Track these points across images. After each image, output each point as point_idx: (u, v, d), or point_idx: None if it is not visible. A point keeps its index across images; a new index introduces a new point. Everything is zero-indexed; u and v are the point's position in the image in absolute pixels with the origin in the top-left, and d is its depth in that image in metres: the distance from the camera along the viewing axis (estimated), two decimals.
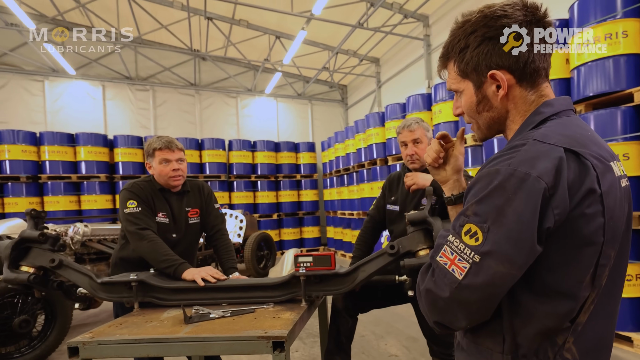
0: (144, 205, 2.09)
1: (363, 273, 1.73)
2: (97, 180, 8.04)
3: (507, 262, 0.70)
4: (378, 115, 7.06)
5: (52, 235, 1.97)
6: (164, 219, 2.17)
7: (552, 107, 0.83)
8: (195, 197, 2.33)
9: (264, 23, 8.57)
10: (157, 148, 2.15)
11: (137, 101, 9.77)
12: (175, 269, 1.91)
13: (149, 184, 2.19)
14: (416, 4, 7.04)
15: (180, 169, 2.18)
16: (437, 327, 0.82)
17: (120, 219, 2.13)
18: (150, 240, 1.97)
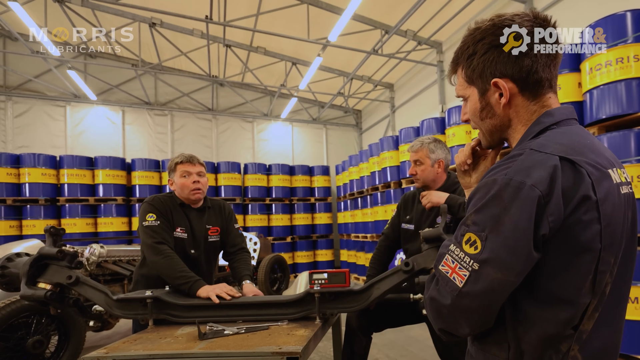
0: (162, 219, 2.09)
1: (377, 290, 1.69)
2: (114, 203, 8.17)
3: (505, 269, 0.72)
4: (392, 139, 7.08)
5: (70, 253, 1.99)
6: (182, 234, 2.16)
7: (552, 116, 0.84)
8: (216, 215, 2.33)
9: (281, 50, 8.84)
10: (179, 162, 2.20)
11: (156, 125, 10.05)
12: (191, 285, 1.89)
13: (170, 199, 2.20)
14: (429, 31, 7.18)
15: (201, 183, 2.20)
16: (443, 334, 0.84)
17: (138, 232, 2.13)
18: (166, 256, 1.97)
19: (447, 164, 2.20)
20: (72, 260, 1.99)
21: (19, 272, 1.96)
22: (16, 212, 7.59)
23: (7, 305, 3.12)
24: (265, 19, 7.21)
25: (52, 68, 8.50)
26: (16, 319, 3.22)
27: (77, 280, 1.89)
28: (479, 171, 1.04)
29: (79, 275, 1.94)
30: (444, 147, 2.20)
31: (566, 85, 3.90)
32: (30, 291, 1.83)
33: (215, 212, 2.34)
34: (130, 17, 7.76)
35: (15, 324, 3.22)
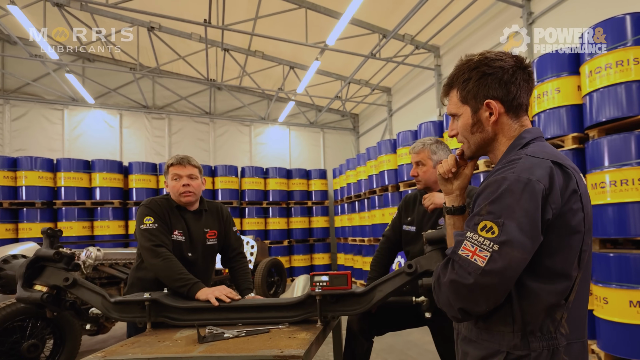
0: (160, 222, 2.07)
1: (380, 293, 1.68)
2: (111, 206, 8.13)
3: (521, 247, 0.86)
4: (390, 143, 7.10)
5: (67, 254, 1.97)
6: (180, 237, 2.15)
7: (530, 133, 1.05)
8: (213, 218, 2.31)
9: (279, 54, 8.86)
10: (170, 164, 2.18)
11: (153, 129, 10.03)
12: (189, 288, 1.87)
13: (167, 201, 2.18)
14: (427, 35, 7.22)
15: (192, 186, 2.16)
16: (460, 314, 0.94)
17: (136, 234, 2.12)
18: (165, 258, 1.95)
19: None
20: (69, 262, 1.97)
21: (15, 274, 1.94)
22: (12, 215, 7.53)
23: (2, 309, 3.08)
24: (264, 23, 7.23)
25: (51, 71, 8.47)
26: (11, 323, 3.18)
27: (74, 282, 1.86)
28: (460, 179, 1.18)
29: (76, 277, 1.92)
30: (446, 149, 2.19)
31: (565, 88, 3.92)
32: (26, 293, 1.80)
33: (212, 215, 2.33)
34: (129, 21, 7.76)
35: (10, 327, 3.18)
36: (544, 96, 4.14)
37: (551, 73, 4.02)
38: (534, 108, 4.26)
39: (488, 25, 6.41)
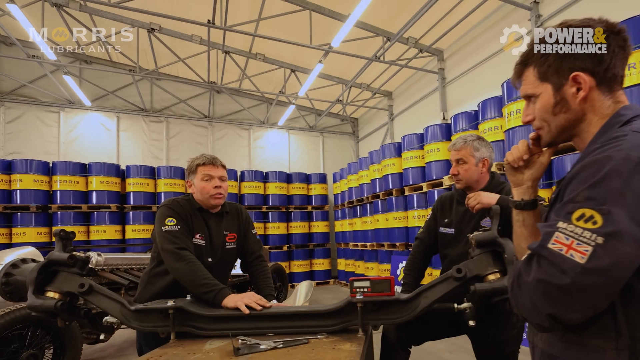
0: (183, 224, 1.95)
1: (425, 300, 1.56)
2: (108, 211, 7.93)
3: (633, 241, 0.70)
4: (394, 146, 7.03)
5: (82, 258, 1.83)
6: (201, 241, 2.02)
7: (631, 110, 0.88)
8: (233, 220, 2.19)
9: (280, 57, 8.78)
10: (200, 164, 2.04)
11: (151, 132, 9.86)
12: (216, 294, 1.74)
13: (188, 203, 2.05)
14: (431, 38, 7.20)
15: (222, 187, 2.06)
16: (547, 321, 0.78)
17: (155, 236, 1.98)
18: (189, 262, 1.82)
19: (491, 163, 2.08)
20: (84, 266, 1.83)
21: (24, 280, 1.79)
22: (6, 219, 7.29)
23: (1, 317, 2.92)
24: (266, 25, 7.15)
25: (48, 73, 8.29)
26: (9, 332, 3.01)
27: (90, 288, 1.73)
28: (533, 168, 1.04)
29: (92, 283, 1.78)
30: (488, 145, 2.08)
31: None
32: (38, 301, 1.66)
33: (232, 217, 2.20)
34: (129, 22, 7.63)
35: (8, 336, 3.01)
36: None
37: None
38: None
39: (494, 28, 6.39)
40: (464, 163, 2.01)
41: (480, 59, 6.62)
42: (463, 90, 7.05)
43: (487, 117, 5.12)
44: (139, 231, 8.08)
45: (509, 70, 4.06)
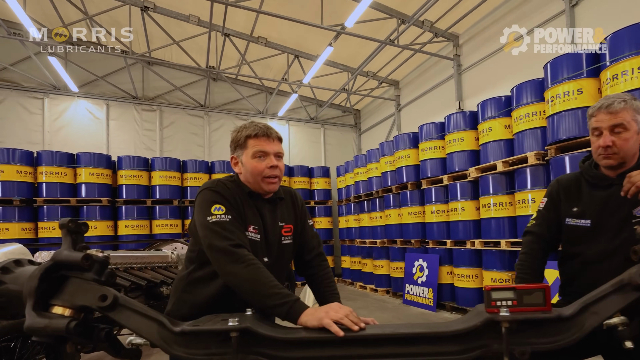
0: (234, 213, 1.46)
1: (594, 317, 1.13)
2: (98, 205, 7.32)
3: None
4: (408, 137, 6.62)
5: (99, 259, 1.33)
6: (255, 236, 1.52)
7: None
8: (288, 208, 1.69)
9: (283, 41, 8.26)
10: (250, 135, 1.53)
11: (143, 122, 9.22)
12: (290, 308, 1.27)
13: (237, 186, 1.56)
14: (447, 22, 6.80)
15: (279, 168, 1.56)
16: None
17: (193, 230, 1.51)
18: (250, 264, 1.34)
19: None
20: (102, 270, 1.32)
21: (20, 290, 1.29)
22: None
23: None
24: (272, 4, 6.62)
25: (32, 54, 7.61)
26: None
27: (115, 302, 1.23)
28: None
29: (117, 294, 1.28)
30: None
31: None
32: (42, 321, 1.16)
33: (287, 204, 1.71)
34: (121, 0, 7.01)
35: None
36: None
37: None
38: None
39: (517, 11, 6.03)
40: (624, 130, 1.52)
41: (501, 45, 6.26)
42: (481, 78, 6.67)
43: (523, 102, 4.74)
44: (133, 227, 7.49)
45: (532, 58, 3.52)
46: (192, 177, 8.18)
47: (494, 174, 5.02)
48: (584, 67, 4.14)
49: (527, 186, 4.66)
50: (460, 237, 5.49)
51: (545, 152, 4.50)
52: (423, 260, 6.04)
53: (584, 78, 4.14)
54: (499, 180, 5.00)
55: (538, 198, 4.55)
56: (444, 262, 5.77)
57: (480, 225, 5.26)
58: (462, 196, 5.50)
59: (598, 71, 4.09)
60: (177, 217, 7.95)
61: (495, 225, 4.98)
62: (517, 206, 4.80)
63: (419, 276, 5.99)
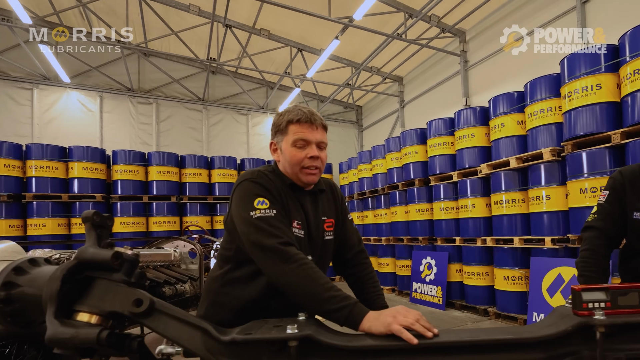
0: (279, 207, 1.30)
1: None
2: (92, 201, 7.04)
3: None
4: (416, 133, 6.49)
5: (130, 258, 1.14)
6: (299, 232, 1.37)
7: None
8: (329, 201, 1.54)
9: (287, 34, 8.05)
10: (292, 120, 1.37)
11: (139, 115, 8.94)
12: (350, 312, 1.10)
13: (278, 177, 1.39)
14: (454, 18, 6.68)
15: (320, 159, 1.40)
16: None
17: (230, 226, 1.34)
18: (302, 264, 1.17)
19: None
20: (132, 270, 1.14)
21: (38, 294, 1.10)
22: None
23: None
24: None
25: (21, 42, 7.29)
26: None
27: (151, 306, 1.05)
28: None
29: (153, 298, 1.10)
30: None
31: None
32: (68, 330, 0.97)
33: (328, 196, 1.55)
34: None
35: None
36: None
37: None
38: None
39: (525, 8, 5.94)
40: None
41: (510, 41, 6.15)
42: (488, 75, 6.58)
43: (537, 98, 4.64)
44: (128, 224, 7.23)
45: (540, 55, 3.39)
46: (190, 172, 7.94)
47: (507, 170, 4.92)
48: (602, 62, 4.04)
49: (542, 183, 4.57)
50: (470, 235, 5.38)
51: (560, 148, 4.41)
52: (431, 258, 5.92)
53: (602, 73, 4.04)
54: (512, 176, 4.89)
55: (553, 194, 4.46)
56: (453, 260, 5.66)
57: (492, 222, 5.16)
58: (473, 193, 5.38)
59: (617, 66, 4.00)
60: (175, 214, 7.71)
61: (508, 222, 4.88)
62: (530, 203, 4.70)
63: (427, 274, 5.88)
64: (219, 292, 1.37)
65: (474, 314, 5.19)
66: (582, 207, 4.05)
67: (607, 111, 4.02)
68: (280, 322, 1.11)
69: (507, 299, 4.80)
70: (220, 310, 1.36)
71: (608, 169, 3.93)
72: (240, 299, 1.34)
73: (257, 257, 1.22)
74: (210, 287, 1.42)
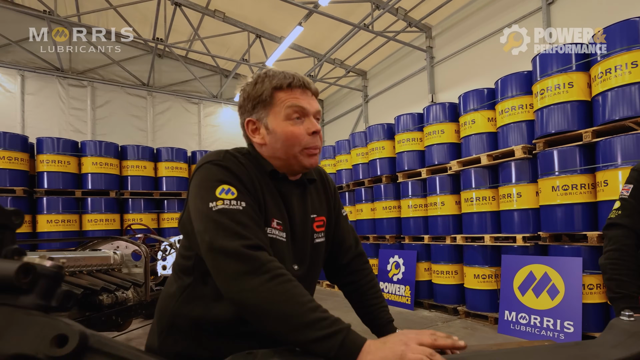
0: (249, 199, 0.94)
1: None
2: (10, 196, 5.96)
3: None
4: (382, 128, 6.26)
5: (48, 272, 0.64)
6: (280, 234, 1.01)
7: None
8: (319, 193, 1.19)
9: (244, 18, 7.47)
10: (280, 86, 1.00)
11: (70, 99, 7.84)
12: (343, 341, 0.76)
13: (254, 162, 1.03)
14: (421, 13, 6.57)
15: (319, 135, 1.05)
16: None
17: (187, 224, 1.00)
18: (276, 275, 0.83)
19: None
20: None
21: None
22: None
23: None
24: None
25: None
26: None
27: (82, 345, 0.56)
28: None
29: (86, 331, 0.60)
30: None
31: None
32: None
33: (317, 188, 1.19)
34: None
35: None
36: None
37: None
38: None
39: (492, 6, 5.96)
40: None
41: (474, 40, 6.18)
42: (455, 72, 6.55)
43: (508, 95, 4.58)
44: (57, 222, 6.23)
45: (508, 54, 3.20)
46: (133, 165, 7.05)
47: (477, 168, 4.83)
48: (573, 61, 4.06)
49: (512, 180, 4.52)
50: (439, 233, 5.24)
51: (532, 146, 4.38)
52: (399, 256, 5.72)
53: (574, 72, 4.05)
54: (483, 174, 4.81)
55: (524, 192, 4.42)
56: (422, 259, 5.50)
57: (462, 220, 5.05)
58: (442, 190, 5.25)
59: (588, 66, 4.03)
60: (115, 211, 6.80)
61: (478, 220, 4.78)
62: (501, 200, 4.64)
63: (395, 273, 5.66)
64: (177, 314, 1.01)
65: (444, 313, 5.06)
66: (553, 205, 4.03)
67: (578, 110, 4.03)
68: (269, 353, 0.73)
69: (478, 298, 4.70)
70: (181, 339, 1.01)
71: (579, 167, 3.93)
72: (207, 322, 0.98)
73: (211, 265, 0.86)
74: (164, 308, 1.05)
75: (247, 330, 0.97)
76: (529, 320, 4.08)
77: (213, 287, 0.96)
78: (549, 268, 4.06)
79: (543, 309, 4.01)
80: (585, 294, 3.79)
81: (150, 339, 1.08)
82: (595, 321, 3.77)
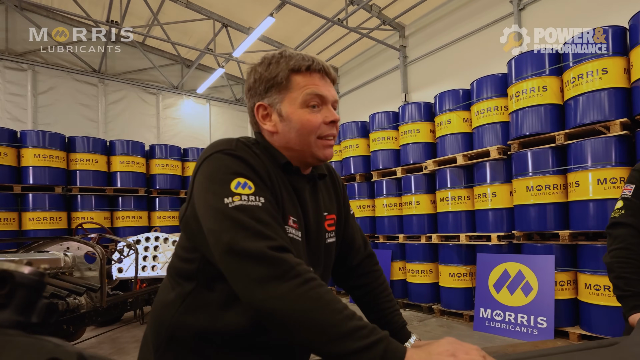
0: (268, 194, 0.84)
1: None
2: None
3: None
4: (356, 126, 6.17)
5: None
6: (296, 232, 0.92)
7: None
8: (329, 190, 1.10)
9: (209, 5, 7.03)
10: (299, 68, 0.90)
11: (7, 84, 6.98)
12: (384, 350, 0.68)
13: (266, 153, 0.93)
14: (395, 11, 6.56)
15: (336, 126, 0.98)
16: None
17: (195, 221, 0.86)
18: (306, 280, 0.73)
19: None
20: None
21: None
22: None
23: None
24: None
25: None
26: None
27: None
28: None
29: (82, 353, 0.38)
30: None
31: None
32: None
33: (327, 184, 1.11)
34: None
35: None
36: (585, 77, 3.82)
37: None
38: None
39: (464, 9, 6.07)
40: None
41: (447, 41, 6.27)
42: (427, 72, 6.62)
43: (483, 96, 4.66)
44: None
45: (487, 54, 3.31)
46: (82, 158, 6.37)
47: (453, 167, 4.87)
48: (547, 65, 4.19)
49: (487, 180, 4.60)
50: (414, 232, 5.24)
51: (506, 147, 4.48)
52: None
53: (548, 76, 4.18)
54: (458, 173, 4.86)
55: (498, 192, 4.51)
56: (396, 258, 5.47)
57: (437, 219, 5.08)
58: (417, 189, 5.25)
59: (561, 71, 4.18)
60: (61, 209, 6.11)
61: (453, 219, 4.83)
62: (476, 200, 4.71)
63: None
64: (178, 326, 0.91)
65: (419, 312, 5.06)
66: (527, 205, 4.14)
67: (551, 113, 4.16)
68: None
69: (453, 296, 4.75)
70: (182, 354, 0.90)
71: (551, 168, 4.06)
72: (214, 334, 0.88)
73: (230, 269, 0.76)
74: (161, 320, 0.94)
75: (261, 341, 0.87)
76: (503, 316, 4.16)
77: (221, 294, 0.88)
78: (523, 266, 4.17)
79: (517, 305, 4.10)
80: (557, 290, 3.93)
81: (143, 356, 0.96)
82: (566, 316, 3.92)
